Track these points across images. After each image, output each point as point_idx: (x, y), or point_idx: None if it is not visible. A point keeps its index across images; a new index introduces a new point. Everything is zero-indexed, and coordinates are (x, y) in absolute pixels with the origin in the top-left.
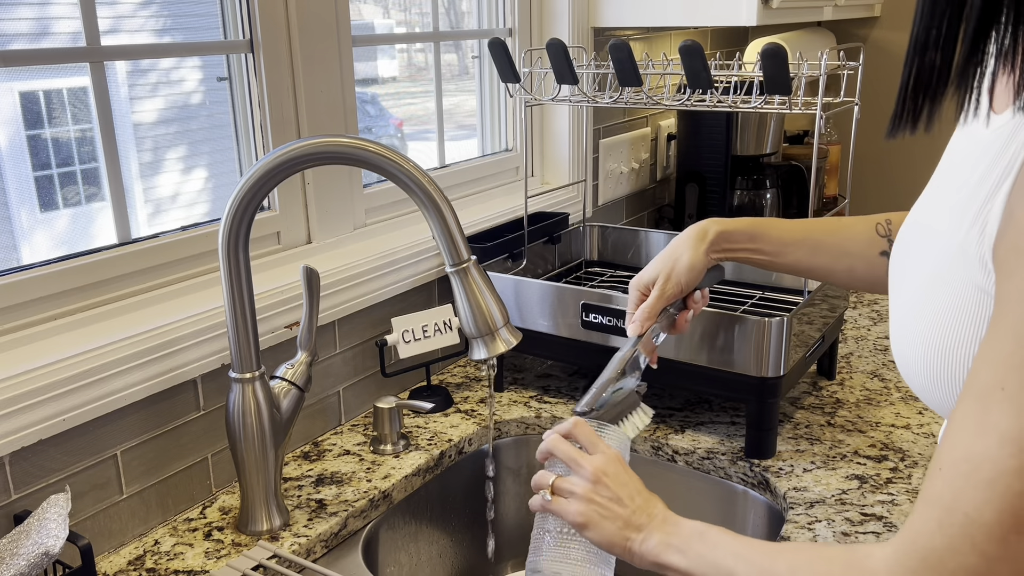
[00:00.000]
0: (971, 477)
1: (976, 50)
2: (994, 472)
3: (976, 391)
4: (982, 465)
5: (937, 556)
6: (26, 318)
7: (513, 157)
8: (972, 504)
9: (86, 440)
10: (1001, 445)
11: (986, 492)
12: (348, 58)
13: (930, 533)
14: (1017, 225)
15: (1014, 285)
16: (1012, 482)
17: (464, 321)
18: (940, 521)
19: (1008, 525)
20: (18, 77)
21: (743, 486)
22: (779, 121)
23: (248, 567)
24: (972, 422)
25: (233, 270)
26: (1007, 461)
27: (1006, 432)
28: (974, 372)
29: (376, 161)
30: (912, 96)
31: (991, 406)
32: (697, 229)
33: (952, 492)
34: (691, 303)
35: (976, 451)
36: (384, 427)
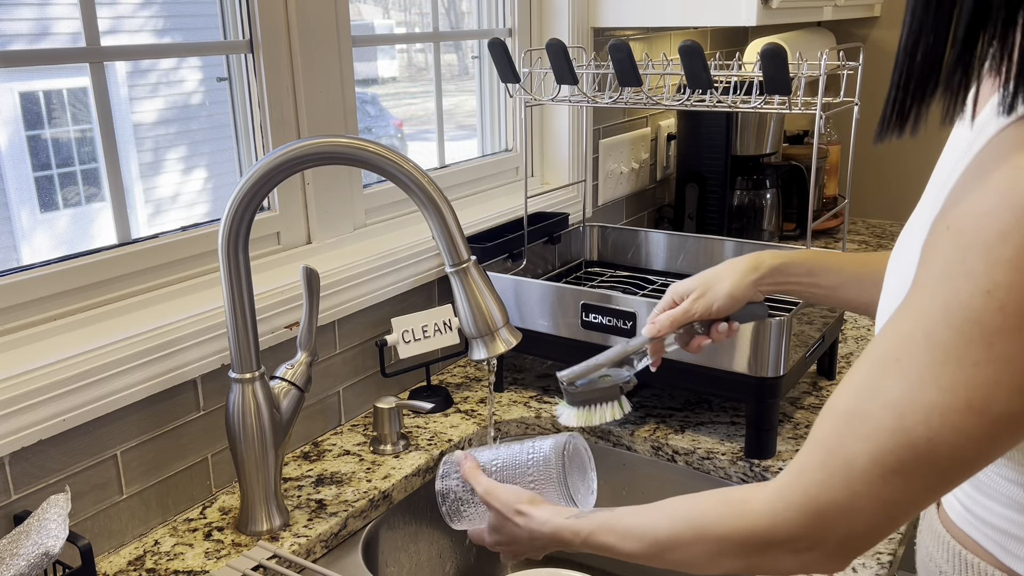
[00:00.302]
0: (855, 429)
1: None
2: (873, 428)
3: (874, 356)
4: (866, 421)
5: (816, 489)
6: (26, 318)
7: (513, 157)
8: (851, 451)
9: (86, 440)
10: (884, 408)
11: (864, 444)
12: (348, 58)
13: (812, 469)
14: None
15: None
16: (886, 439)
17: (464, 321)
18: (822, 461)
19: (876, 472)
20: (18, 77)
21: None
22: (779, 121)
23: (248, 567)
24: (865, 382)
25: (233, 270)
26: (886, 422)
27: (892, 399)
28: (878, 339)
29: (376, 161)
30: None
31: (884, 374)
32: (752, 259)
33: (837, 438)
34: (714, 331)
35: (863, 408)
36: (384, 427)
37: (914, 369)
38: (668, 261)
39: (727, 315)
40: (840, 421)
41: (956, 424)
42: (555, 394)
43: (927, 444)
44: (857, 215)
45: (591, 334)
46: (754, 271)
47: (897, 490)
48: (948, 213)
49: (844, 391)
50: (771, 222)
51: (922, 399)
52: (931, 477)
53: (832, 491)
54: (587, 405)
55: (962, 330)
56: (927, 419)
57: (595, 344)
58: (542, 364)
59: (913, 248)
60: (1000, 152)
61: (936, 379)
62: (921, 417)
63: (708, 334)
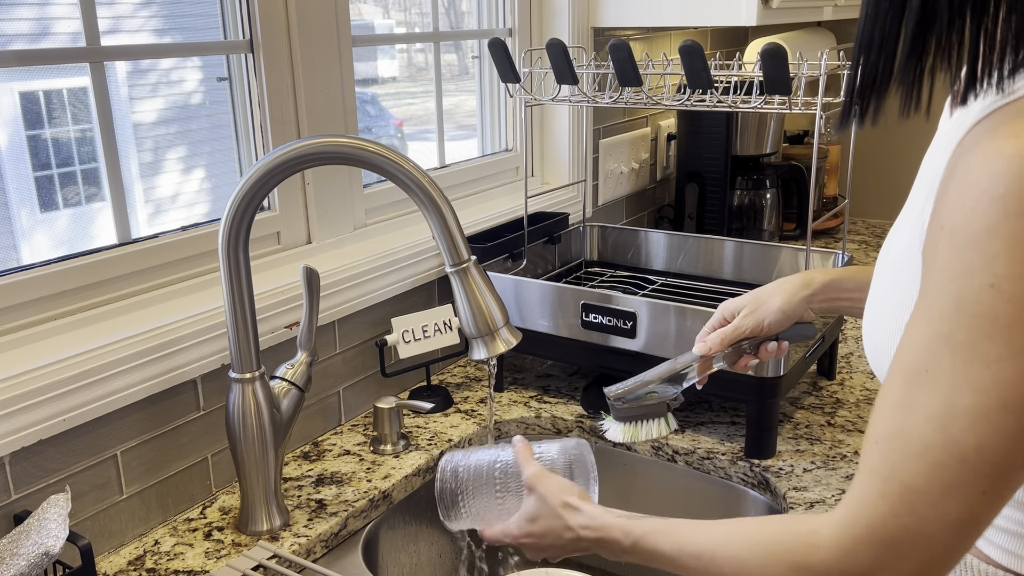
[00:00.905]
0: (904, 451)
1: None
2: (923, 445)
3: (902, 371)
4: (912, 440)
5: (881, 520)
6: (26, 318)
7: (513, 157)
8: (907, 474)
9: (86, 440)
10: (927, 421)
11: (918, 463)
12: (348, 58)
13: (873, 502)
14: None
15: (931, 273)
16: (938, 455)
17: (464, 321)
18: (881, 490)
19: (937, 491)
20: (18, 77)
21: (743, 486)
22: (779, 121)
23: (248, 567)
24: (901, 401)
25: (233, 270)
26: (932, 435)
27: (930, 411)
28: (900, 353)
29: (376, 161)
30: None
31: (917, 387)
32: (803, 276)
33: (889, 464)
34: (763, 350)
35: (906, 427)
36: (384, 427)
37: (945, 377)
38: (668, 261)
39: (777, 333)
40: (887, 446)
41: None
42: (555, 394)
43: (976, 452)
44: (857, 215)
45: (591, 334)
46: (806, 287)
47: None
48: (940, 212)
49: (882, 414)
50: (771, 222)
51: (960, 406)
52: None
53: (898, 519)
54: (633, 421)
55: (977, 328)
56: (971, 426)
57: (595, 344)
58: (542, 364)
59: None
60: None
61: (967, 382)
62: (965, 424)
63: (756, 353)
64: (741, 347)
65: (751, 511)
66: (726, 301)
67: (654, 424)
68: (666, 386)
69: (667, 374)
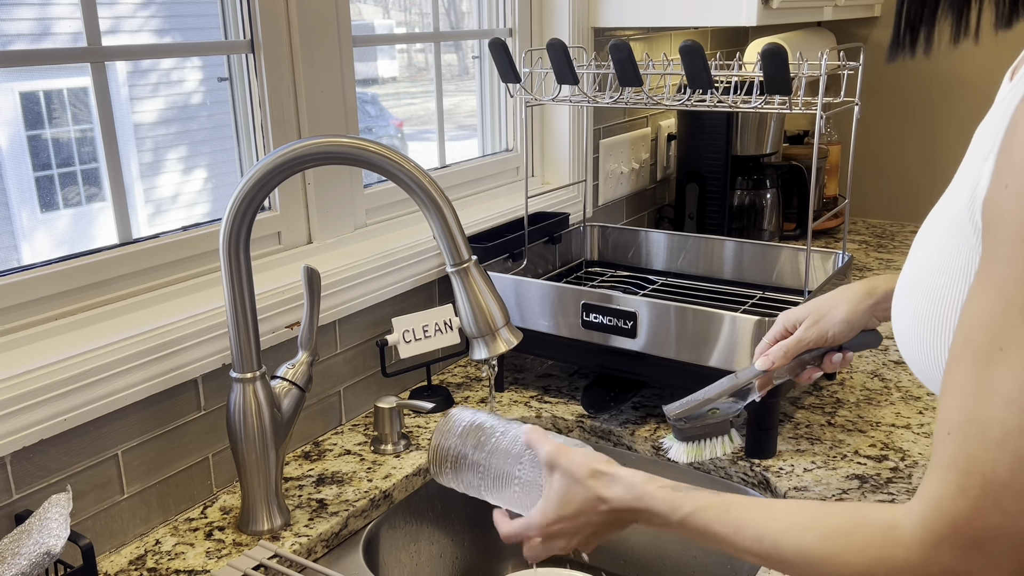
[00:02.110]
0: (981, 439)
1: None
2: (1002, 432)
3: (972, 352)
4: (989, 426)
5: (964, 519)
6: (27, 318)
7: (513, 157)
8: (988, 465)
9: (87, 440)
10: (1005, 405)
11: (997, 452)
12: (348, 58)
13: (952, 497)
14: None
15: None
16: (1020, 441)
17: (464, 321)
18: (960, 485)
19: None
20: (19, 77)
21: (744, 486)
22: (779, 121)
23: (249, 567)
24: (973, 384)
25: (234, 270)
26: (1012, 420)
27: (1008, 392)
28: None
29: (376, 161)
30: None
31: (991, 367)
32: (866, 284)
33: (966, 456)
34: (827, 361)
35: (981, 413)
36: (385, 427)
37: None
38: (668, 261)
39: (841, 343)
40: (961, 436)
41: None
42: (555, 394)
43: None
44: (857, 215)
45: (591, 334)
46: (869, 296)
47: None
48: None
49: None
50: (771, 222)
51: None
52: None
53: (983, 517)
54: (696, 440)
55: None
56: None
57: (595, 344)
58: (542, 364)
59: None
60: None
61: None
62: None
63: (820, 365)
64: (803, 359)
65: None
66: (785, 311)
67: (718, 442)
68: (728, 402)
69: (729, 390)
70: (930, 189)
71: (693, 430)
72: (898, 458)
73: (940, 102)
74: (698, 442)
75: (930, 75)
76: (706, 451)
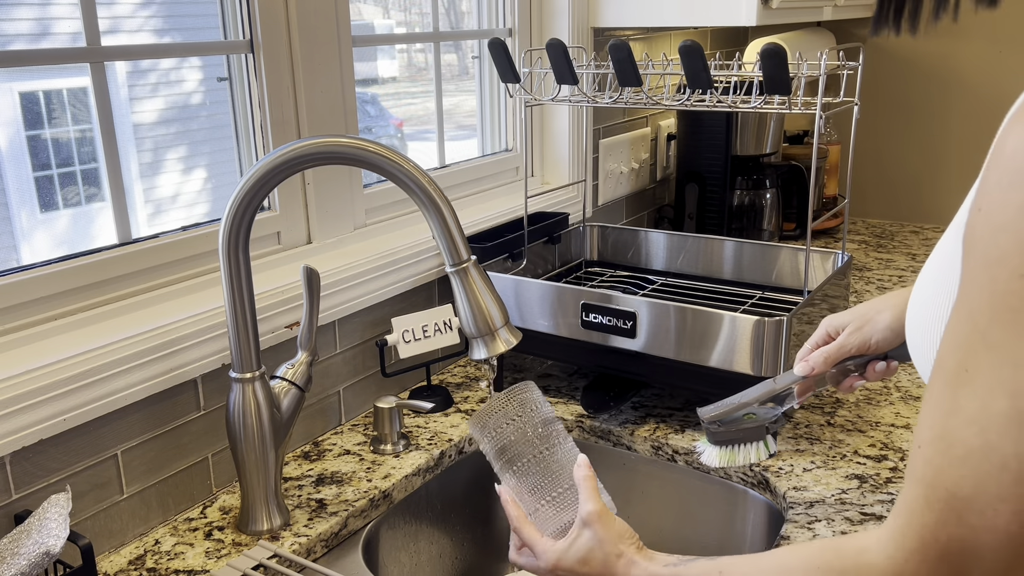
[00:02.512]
0: (947, 455)
1: None
2: (965, 450)
3: (944, 373)
4: (955, 444)
5: (930, 531)
6: (26, 318)
7: (513, 157)
8: (952, 480)
9: (86, 440)
10: (968, 425)
11: (961, 469)
12: (348, 58)
13: (920, 511)
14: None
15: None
16: (979, 460)
17: (464, 321)
18: (927, 498)
19: (983, 500)
20: (18, 77)
21: (743, 486)
22: (779, 121)
23: (249, 567)
24: (943, 402)
25: (233, 270)
26: (974, 440)
27: (971, 413)
28: (941, 354)
29: (376, 161)
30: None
31: (957, 388)
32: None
33: (933, 470)
34: (871, 370)
35: (949, 431)
36: (384, 427)
37: (982, 377)
38: (668, 261)
39: (886, 351)
40: (930, 451)
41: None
42: (555, 394)
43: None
44: (857, 215)
45: (591, 334)
46: None
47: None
48: (979, 194)
49: (925, 417)
50: (771, 222)
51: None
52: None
53: (947, 529)
54: (731, 445)
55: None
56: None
57: (595, 344)
58: (542, 364)
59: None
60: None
61: (1002, 384)
62: (1001, 430)
63: (863, 373)
64: (846, 366)
65: (751, 511)
66: (829, 316)
67: (752, 448)
68: (765, 408)
69: (766, 396)
70: (930, 189)
71: (727, 434)
72: (897, 458)
73: (940, 102)
74: (732, 447)
75: (930, 75)
76: (739, 456)
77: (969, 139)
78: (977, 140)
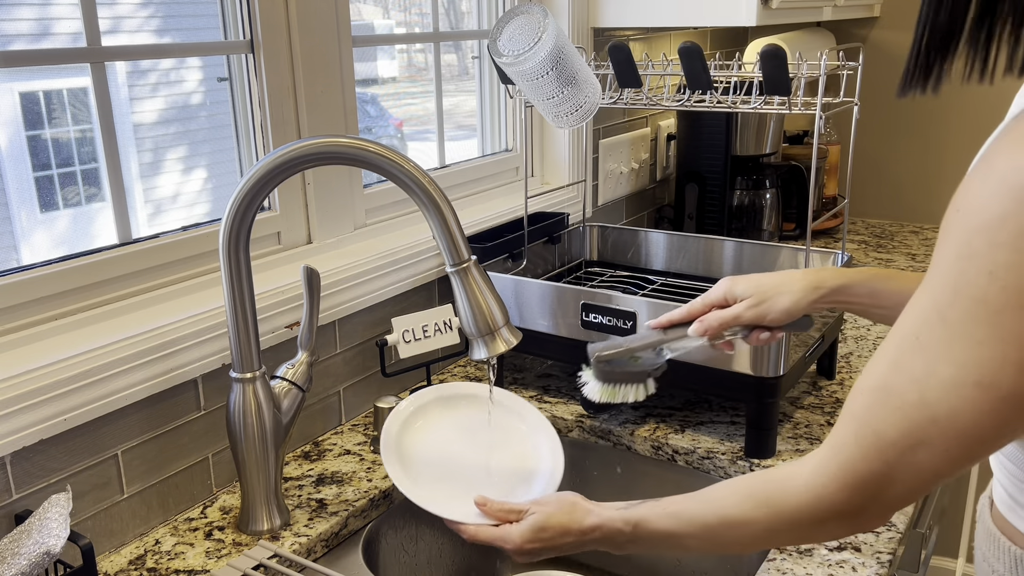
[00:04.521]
0: (883, 403)
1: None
2: (901, 403)
3: (898, 334)
4: (892, 395)
5: (851, 463)
6: (26, 318)
7: (513, 157)
8: (882, 424)
9: (87, 440)
10: (910, 383)
11: (893, 417)
12: (348, 58)
13: (847, 444)
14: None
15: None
16: (911, 412)
17: (464, 321)
18: (856, 434)
19: (905, 443)
20: (18, 77)
21: None
22: (779, 121)
23: (249, 567)
24: (891, 359)
25: (234, 270)
26: (911, 395)
27: (914, 373)
28: (901, 317)
29: (376, 161)
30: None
31: (908, 350)
32: (813, 277)
33: (867, 412)
34: (754, 336)
35: (890, 383)
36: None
37: (932, 346)
38: (668, 261)
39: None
40: (871, 397)
41: (970, 399)
42: (555, 394)
43: (947, 419)
44: (857, 215)
45: (591, 334)
46: (815, 291)
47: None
48: (959, 195)
49: (873, 368)
50: (771, 222)
51: (940, 375)
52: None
53: (868, 463)
54: (614, 384)
55: (969, 309)
56: (946, 395)
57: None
58: (542, 364)
59: None
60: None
61: (951, 356)
62: (941, 393)
63: (746, 338)
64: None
65: None
66: (730, 279)
67: (631, 389)
68: (651, 355)
69: (655, 344)
70: (929, 189)
71: (612, 374)
72: None
73: (939, 102)
74: (614, 385)
75: None
76: (619, 395)
77: (968, 139)
78: (976, 140)
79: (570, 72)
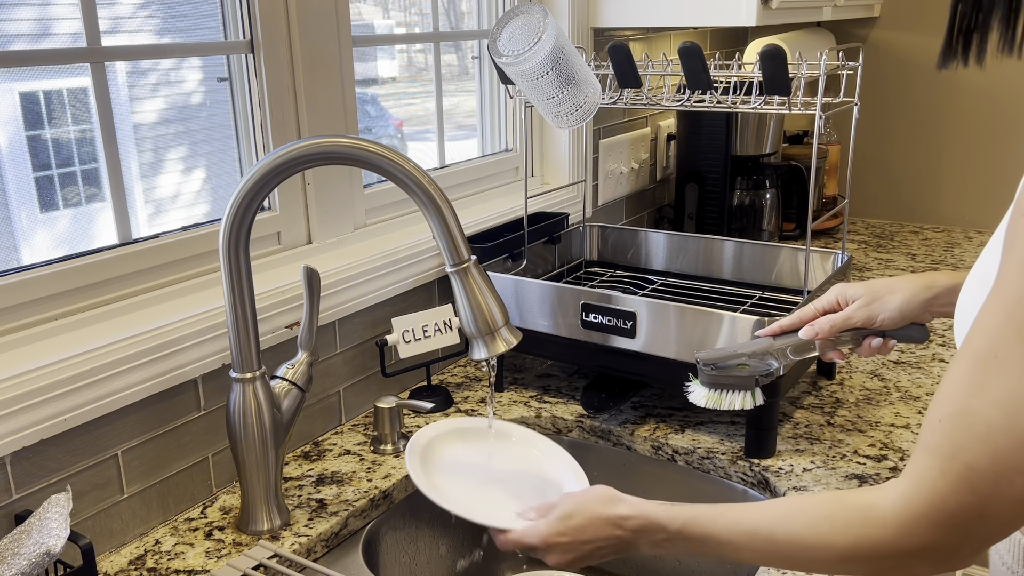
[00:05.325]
0: (967, 431)
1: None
2: (987, 428)
3: (972, 354)
4: (976, 422)
5: (941, 497)
6: (27, 318)
7: (513, 157)
8: (969, 454)
9: (87, 440)
10: (992, 406)
11: (981, 445)
12: (348, 58)
13: (933, 479)
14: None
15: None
16: (1000, 438)
17: (464, 321)
18: (942, 468)
19: (998, 472)
20: (18, 78)
21: (743, 486)
22: (779, 121)
23: (249, 567)
24: (968, 382)
25: (234, 270)
26: (998, 420)
27: (997, 396)
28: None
29: (376, 161)
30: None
31: (985, 371)
32: (926, 277)
33: (951, 443)
34: (866, 345)
35: (972, 408)
36: (384, 427)
37: (1013, 364)
38: (668, 261)
39: (886, 331)
40: (950, 425)
41: None
42: (555, 394)
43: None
44: (857, 215)
45: (591, 334)
46: (928, 290)
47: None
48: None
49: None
50: (771, 222)
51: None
52: None
53: (959, 497)
54: (720, 389)
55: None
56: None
57: (595, 344)
58: (542, 364)
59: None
60: None
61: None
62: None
63: (857, 347)
64: (842, 337)
65: None
66: (841, 284)
67: (738, 396)
68: (759, 361)
69: (764, 350)
70: (929, 189)
71: (719, 379)
72: (897, 458)
73: (939, 102)
74: (720, 391)
75: (930, 75)
76: (725, 401)
77: (969, 139)
78: (976, 140)
79: (570, 72)
